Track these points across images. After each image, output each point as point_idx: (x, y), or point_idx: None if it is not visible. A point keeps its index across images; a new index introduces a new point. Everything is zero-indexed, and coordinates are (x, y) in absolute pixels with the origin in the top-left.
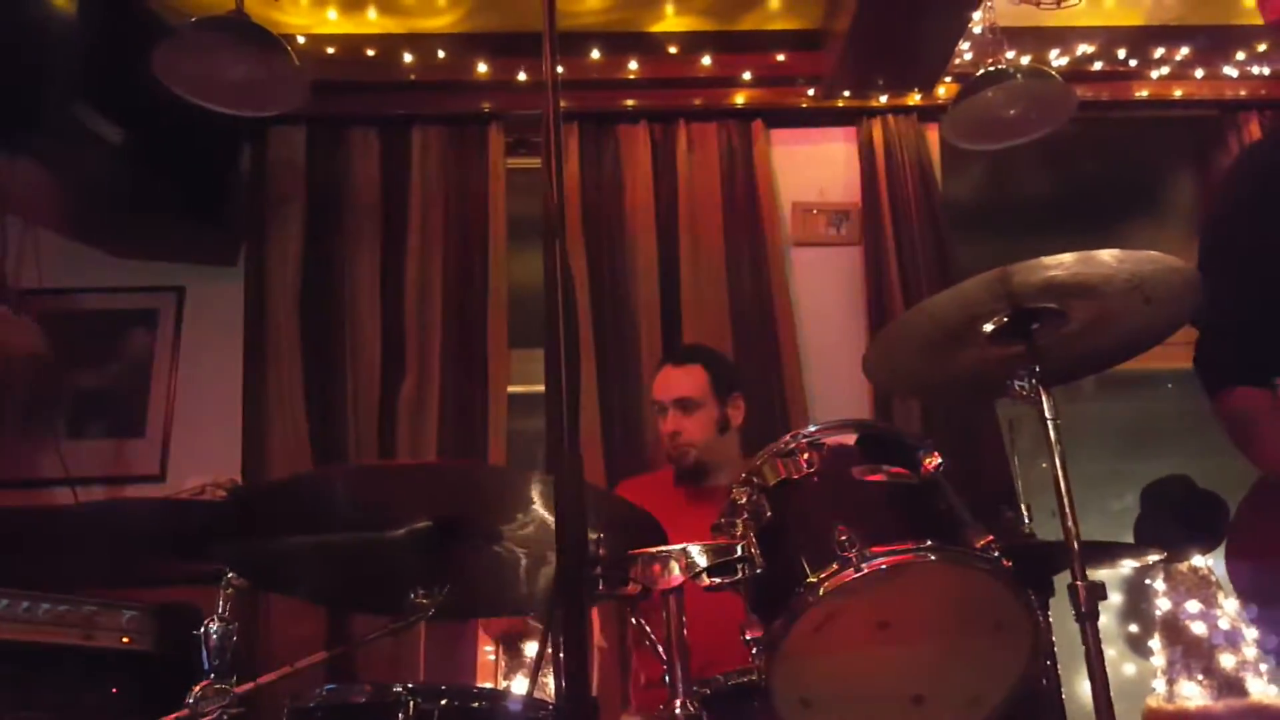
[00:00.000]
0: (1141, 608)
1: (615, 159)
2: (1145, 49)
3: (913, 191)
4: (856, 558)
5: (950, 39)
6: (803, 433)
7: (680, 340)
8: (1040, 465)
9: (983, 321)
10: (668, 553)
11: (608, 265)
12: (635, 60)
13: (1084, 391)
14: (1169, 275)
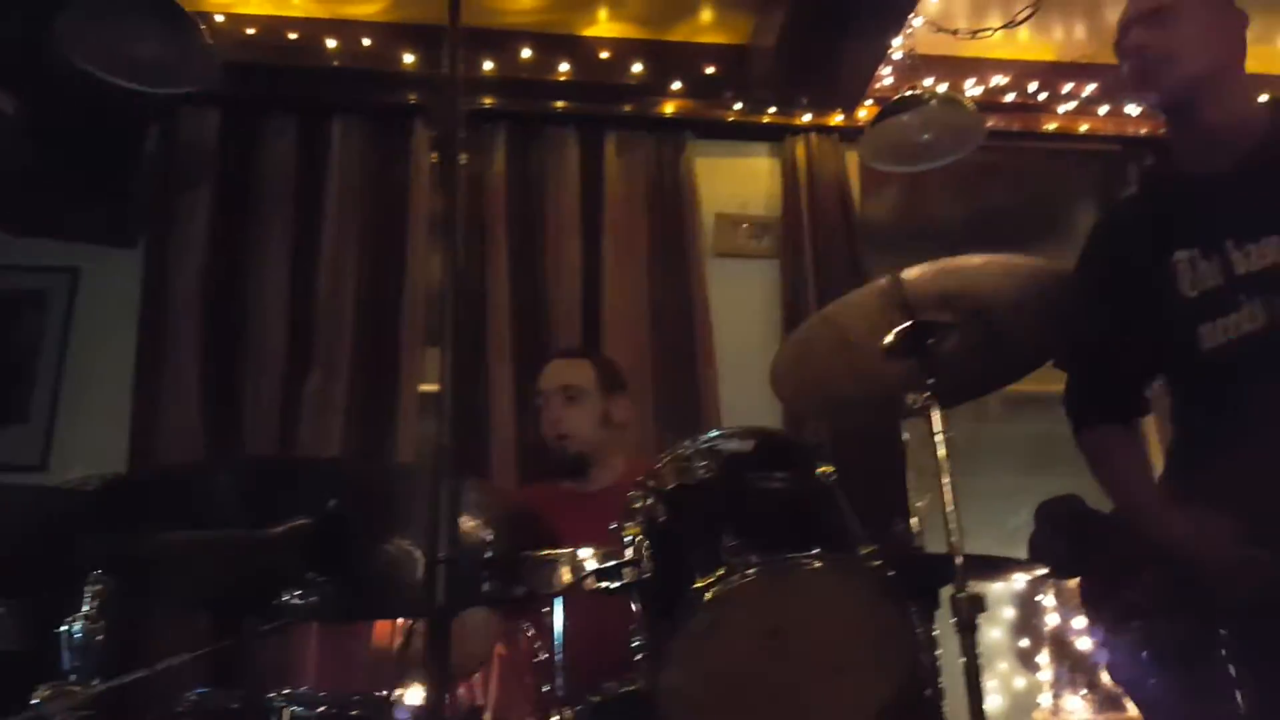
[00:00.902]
0: (1033, 623)
1: (542, 160)
2: (1055, 84)
3: (831, 209)
4: (743, 564)
5: (871, 63)
6: (701, 438)
7: (598, 346)
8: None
9: (881, 334)
10: (557, 556)
11: (530, 266)
12: (566, 63)
13: (991, 411)
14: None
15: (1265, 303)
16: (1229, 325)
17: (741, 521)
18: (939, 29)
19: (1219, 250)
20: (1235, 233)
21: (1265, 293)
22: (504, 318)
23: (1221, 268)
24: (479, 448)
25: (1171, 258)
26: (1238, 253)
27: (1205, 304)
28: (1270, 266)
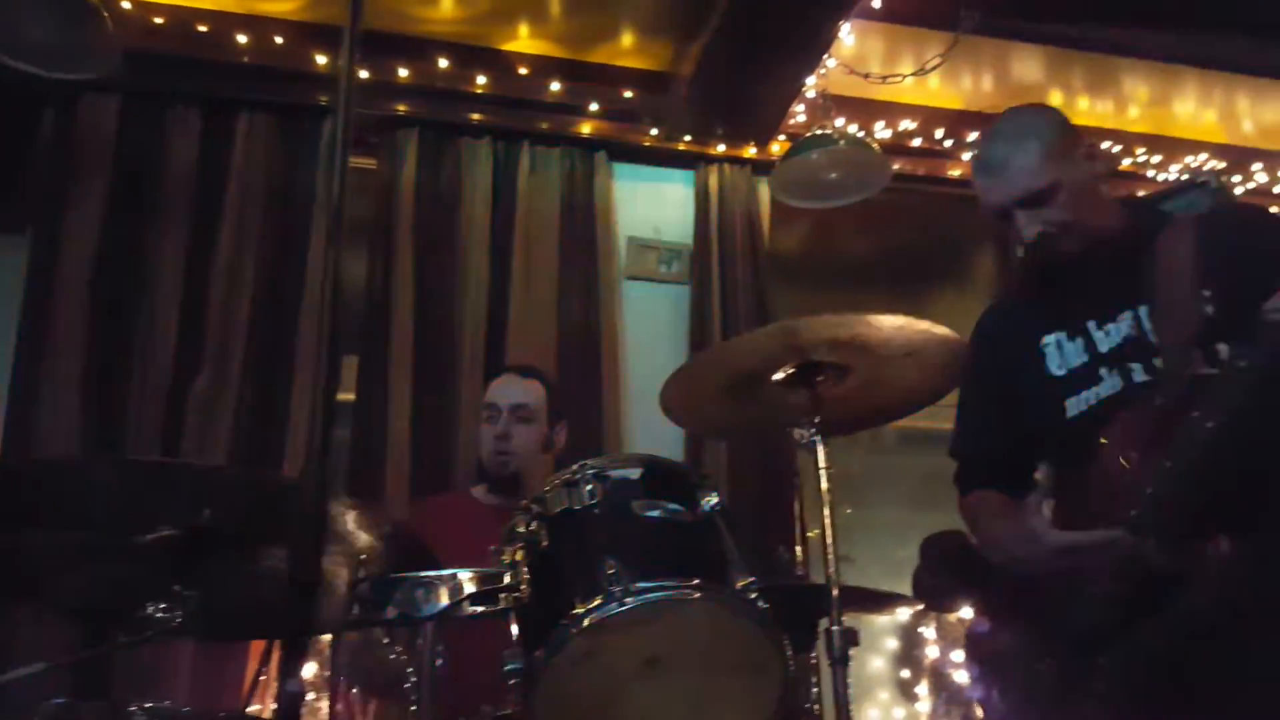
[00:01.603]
0: (914, 654)
1: (455, 171)
2: (960, 131)
3: (740, 239)
4: (621, 592)
5: (785, 99)
6: (589, 464)
7: (503, 361)
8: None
9: (773, 370)
10: (435, 578)
11: (436, 277)
12: (484, 76)
13: (885, 444)
14: (940, 347)
15: (1120, 370)
16: (1090, 396)
17: (624, 549)
18: (851, 71)
19: (1083, 331)
20: (1096, 314)
21: (1121, 363)
22: (407, 328)
23: (1085, 346)
24: (374, 458)
25: (1041, 342)
26: (1099, 332)
27: (1072, 380)
28: (1125, 340)
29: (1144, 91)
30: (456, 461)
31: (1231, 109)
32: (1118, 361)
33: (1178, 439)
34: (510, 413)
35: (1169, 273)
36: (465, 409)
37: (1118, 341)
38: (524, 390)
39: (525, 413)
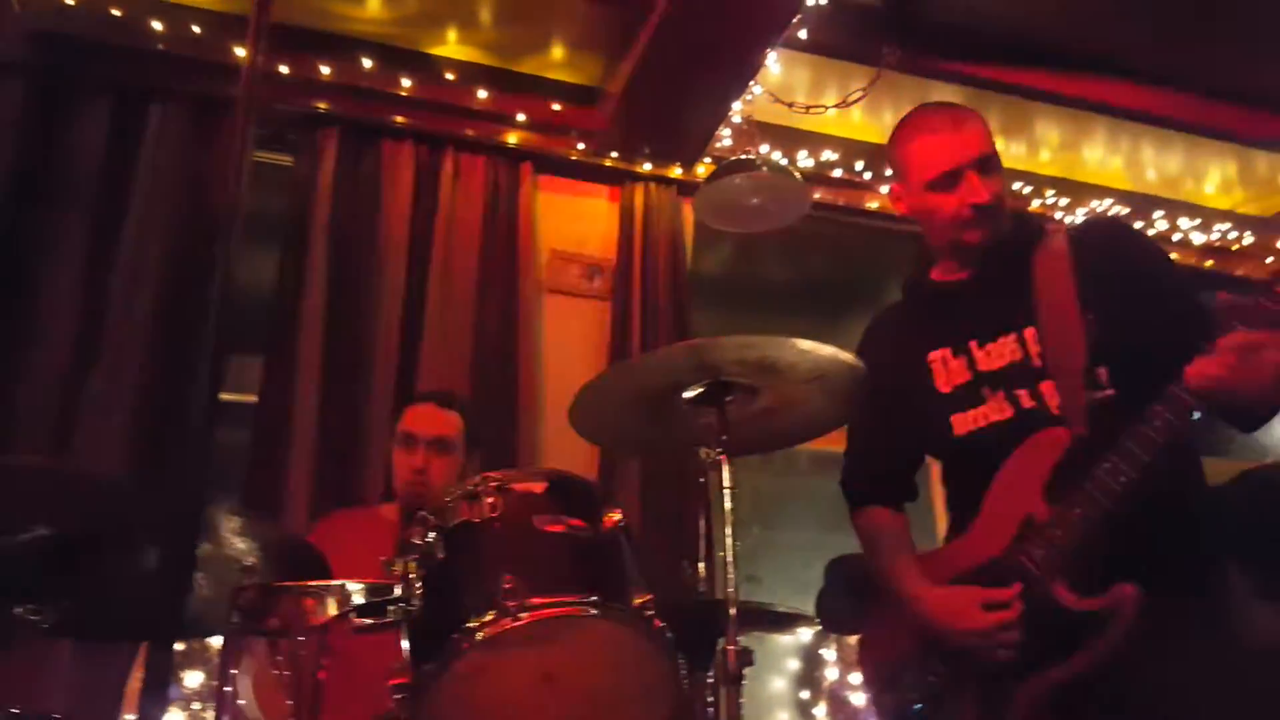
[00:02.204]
0: (814, 675)
1: (375, 173)
2: (879, 165)
3: (664, 258)
4: (516, 607)
5: (712, 123)
6: (491, 476)
7: (416, 369)
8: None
9: (683, 388)
10: (323, 588)
11: (350, 281)
12: (410, 78)
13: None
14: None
15: (1008, 395)
16: (978, 415)
17: (522, 563)
18: (777, 100)
19: (965, 351)
20: (978, 334)
21: (1006, 385)
22: (316, 331)
23: (968, 365)
24: (275, 464)
25: (927, 358)
26: (980, 352)
27: (956, 398)
28: (1008, 364)
29: (1055, 136)
30: (364, 474)
31: (1137, 157)
32: (1001, 384)
33: (1091, 489)
34: (429, 445)
35: (1050, 296)
36: (375, 419)
37: (1001, 365)
38: (444, 422)
39: (443, 445)
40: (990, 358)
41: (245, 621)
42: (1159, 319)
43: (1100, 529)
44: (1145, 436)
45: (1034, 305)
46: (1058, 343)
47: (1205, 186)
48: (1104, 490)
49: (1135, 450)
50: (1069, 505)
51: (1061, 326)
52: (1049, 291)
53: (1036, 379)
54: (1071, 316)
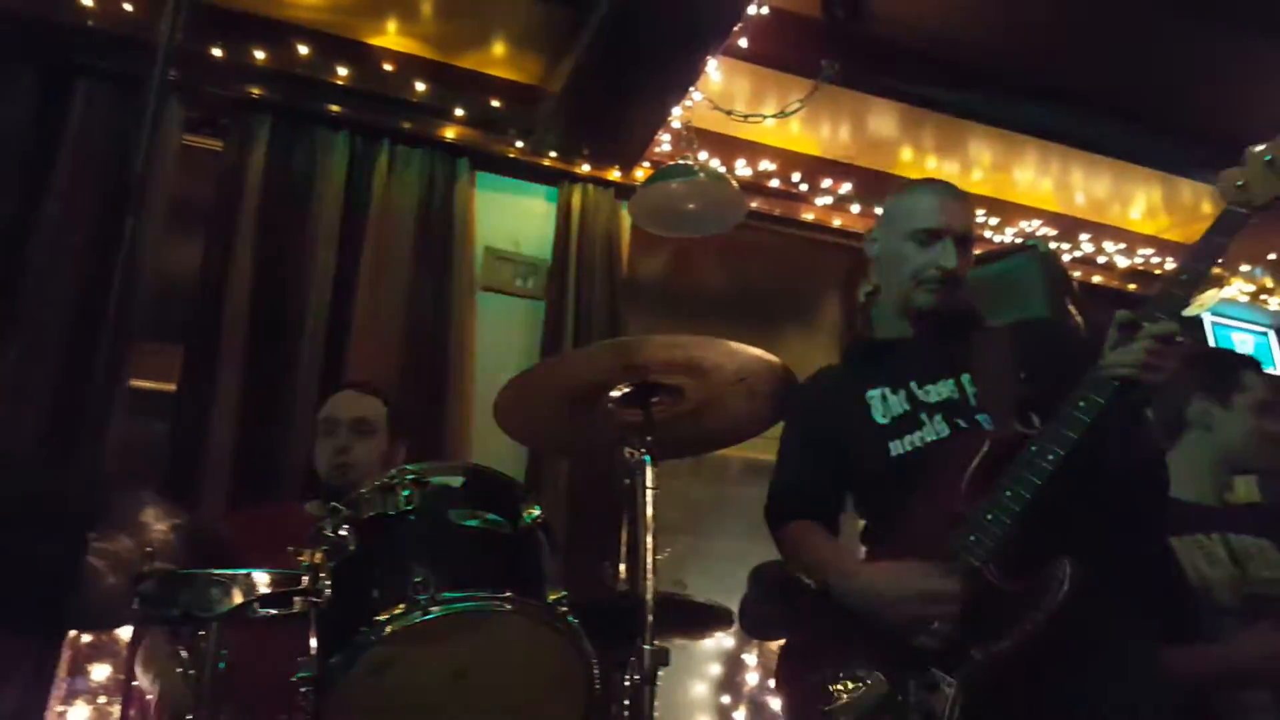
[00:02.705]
0: (735, 680)
1: (308, 162)
2: (816, 177)
3: (599, 260)
4: (427, 601)
5: (652, 127)
6: (409, 469)
7: (344, 363)
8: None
9: (609, 387)
10: (227, 577)
11: (278, 271)
12: (346, 68)
13: (729, 475)
14: (770, 375)
15: (946, 418)
16: (915, 439)
17: (435, 557)
18: (716, 107)
19: (906, 387)
20: (917, 377)
21: (945, 413)
22: (240, 321)
23: (908, 398)
24: (192, 456)
25: (866, 394)
26: (920, 390)
27: (895, 426)
28: (947, 399)
29: (988, 157)
30: (285, 469)
31: (1066, 180)
32: (941, 411)
33: (1019, 472)
34: (350, 426)
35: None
36: (299, 413)
37: (939, 399)
38: (363, 404)
39: (366, 426)
40: (929, 394)
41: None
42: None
43: (1030, 509)
44: (1071, 416)
45: (970, 359)
46: (992, 388)
47: (1131, 212)
48: (1034, 469)
49: (1062, 430)
50: (998, 488)
51: (996, 376)
52: (985, 352)
53: (973, 413)
54: (1007, 372)
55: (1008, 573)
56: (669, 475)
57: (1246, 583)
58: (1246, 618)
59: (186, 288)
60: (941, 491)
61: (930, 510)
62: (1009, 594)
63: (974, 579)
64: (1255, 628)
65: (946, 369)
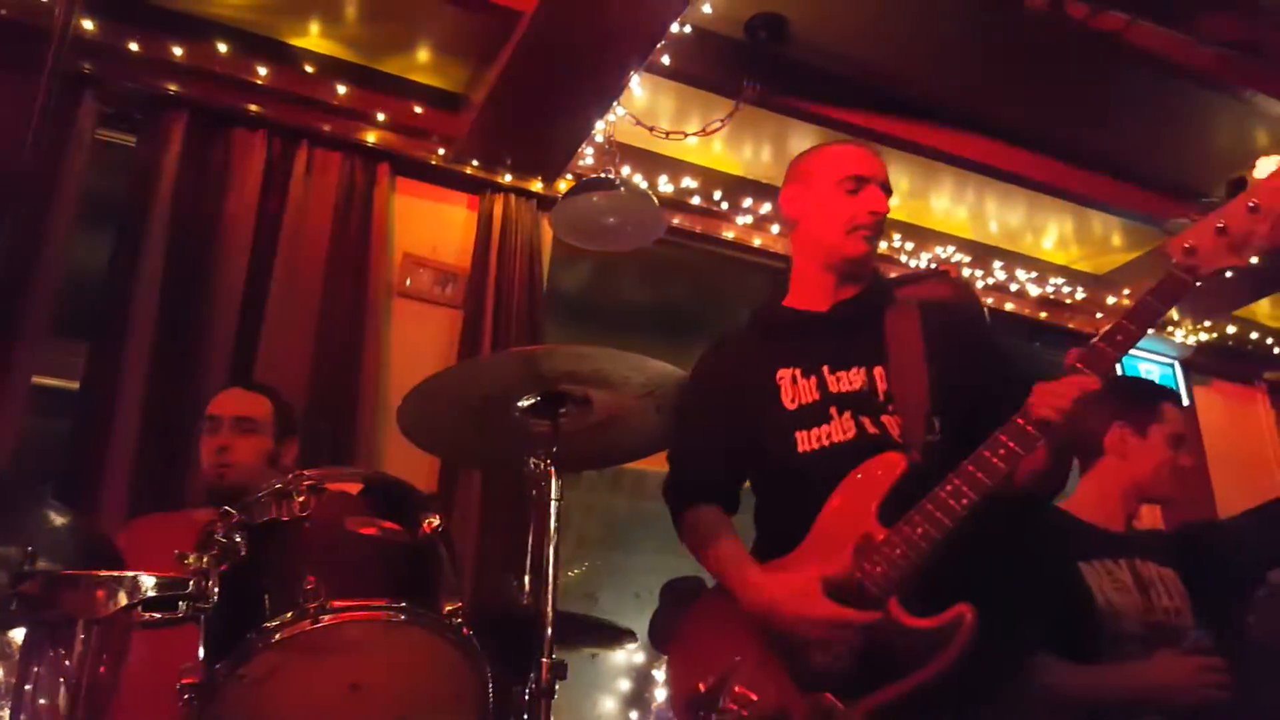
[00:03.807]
0: (644, 696)
1: (224, 162)
2: (737, 197)
3: (519, 271)
4: (317, 609)
5: (575, 139)
6: (306, 474)
7: (253, 367)
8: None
9: (517, 397)
10: (112, 579)
11: (188, 270)
12: (266, 67)
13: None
14: (675, 388)
15: (854, 418)
16: (822, 434)
17: (328, 565)
18: (639, 123)
19: (817, 372)
20: (830, 361)
21: (853, 409)
22: (148, 320)
23: (818, 386)
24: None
25: (775, 375)
26: (832, 376)
27: (803, 415)
28: (857, 389)
29: (906, 183)
30: (189, 472)
31: (981, 209)
32: (848, 406)
33: (931, 509)
34: (232, 425)
35: (899, 344)
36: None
37: (850, 389)
38: (247, 402)
39: (248, 425)
40: (840, 382)
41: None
42: (986, 387)
43: (940, 549)
44: (989, 462)
45: (884, 348)
46: (903, 384)
47: (1044, 242)
48: (946, 510)
49: (979, 474)
50: (909, 524)
51: (908, 371)
52: (898, 341)
53: (881, 410)
54: (917, 364)
55: (912, 607)
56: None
57: (1150, 611)
58: (1149, 645)
59: (95, 284)
60: (851, 511)
61: (838, 529)
62: (912, 633)
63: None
64: (1159, 654)
65: (860, 356)
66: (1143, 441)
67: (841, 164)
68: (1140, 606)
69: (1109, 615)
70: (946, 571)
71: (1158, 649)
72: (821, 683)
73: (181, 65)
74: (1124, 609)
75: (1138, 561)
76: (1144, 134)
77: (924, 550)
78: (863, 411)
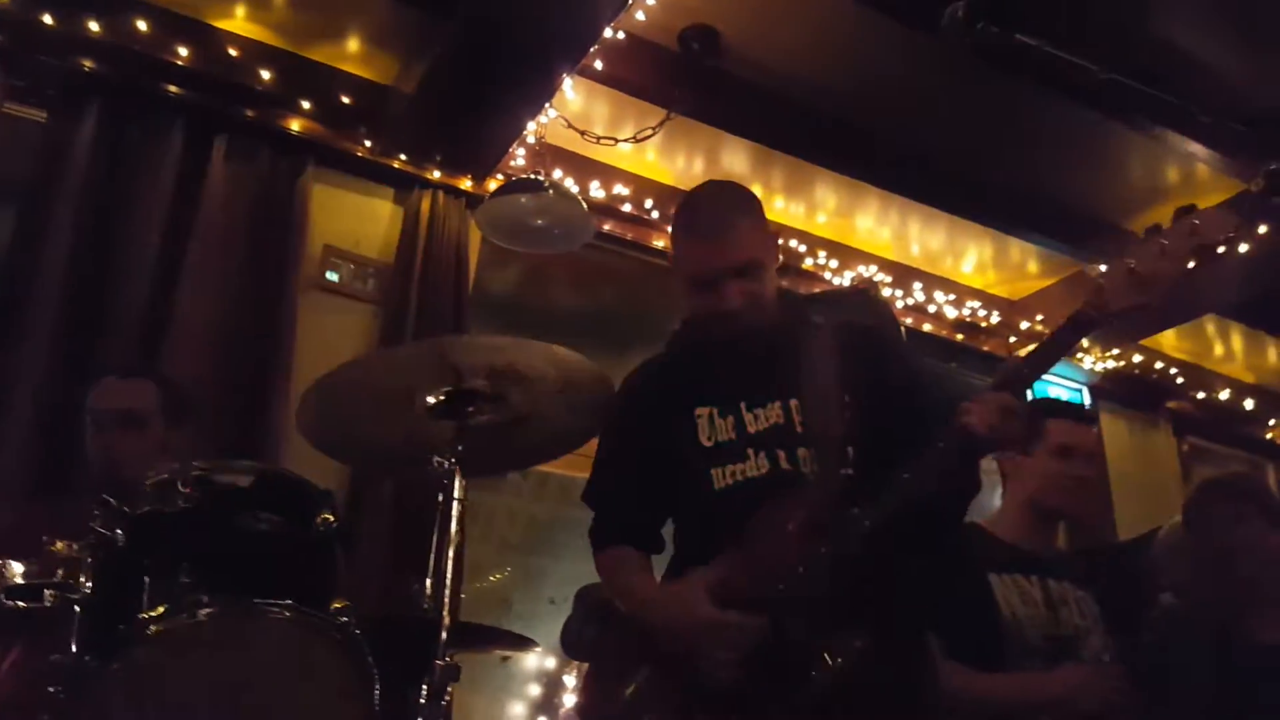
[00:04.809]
0: (554, 701)
1: (140, 144)
2: (668, 206)
3: (446, 269)
4: (193, 604)
5: (506, 139)
6: (196, 465)
7: (162, 355)
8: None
9: (423, 392)
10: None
11: (96, 254)
12: (188, 48)
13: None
14: (593, 386)
15: (768, 454)
16: (736, 471)
17: (209, 559)
18: (571, 126)
19: (734, 411)
20: (747, 397)
21: (768, 446)
22: (51, 304)
23: (735, 425)
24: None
25: (694, 412)
26: (749, 414)
27: (719, 452)
28: (773, 425)
29: (833, 202)
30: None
31: (904, 231)
32: (765, 445)
33: (835, 532)
34: (114, 419)
35: (814, 374)
36: None
37: (766, 426)
38: (129, 393)
39: (133, 419)
40: (757, 420)
41: None
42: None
43: (845, 569)
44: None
45: (800, 380)
46: (818, 415)
47: (963, 265)
48: (854, 532)
49: (886, 498)
50: (817, 545)
51: (823, 402)
52: (813, 371)
53: (796, 444)
54: (833, 395)
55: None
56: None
57: (1056, 626)
58: (1051, 658)
59: None
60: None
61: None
62: (809, 650)
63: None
64: (1062, 666)
65: (775, 391)
66: (1029, 459)
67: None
68: (1045, 620)
69: (1014, 627)
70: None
71: (1060, 662)
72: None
73: (98, 42)
74: (1029, 621)
75: (1050, 580)
76: (1061, 165)
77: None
78: (779, 446)
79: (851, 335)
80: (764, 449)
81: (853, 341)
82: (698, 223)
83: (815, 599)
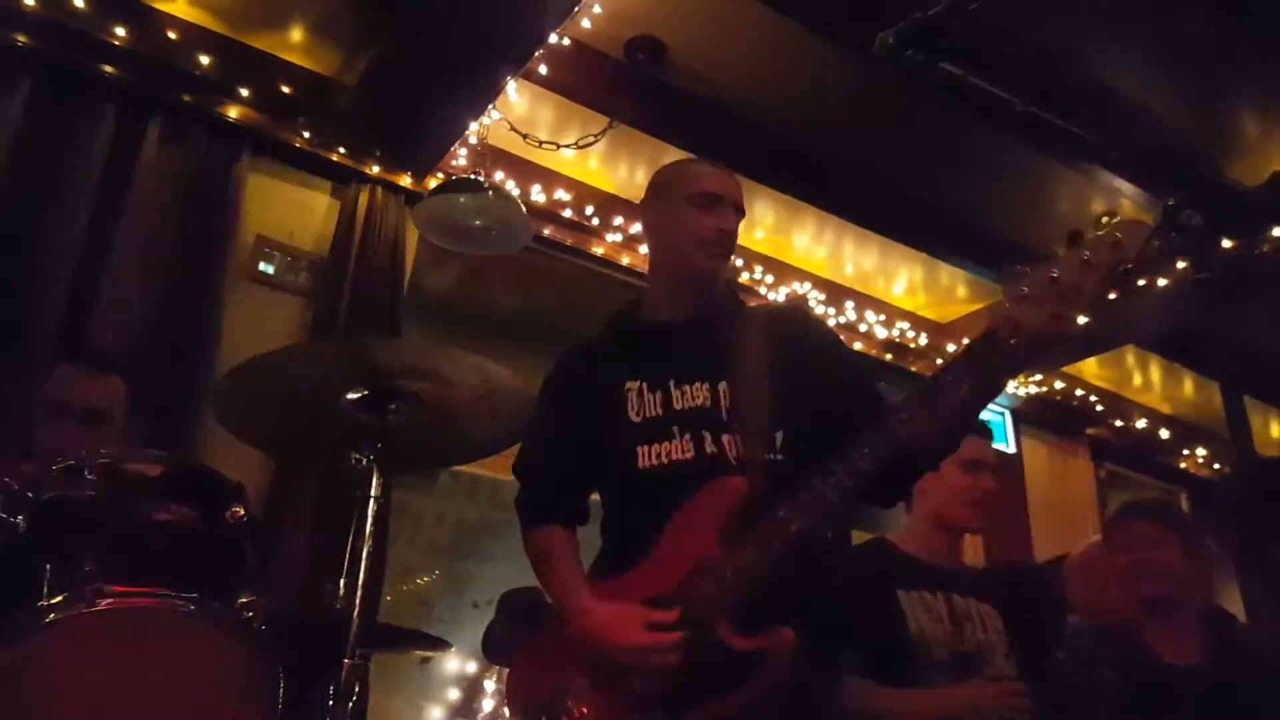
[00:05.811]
0: (473, 706)
1: (72, 124)
2: (608, 213)
3: (381, 266)
4: (93, 593)
5: (447, 138)
6: (103, 452)
7: (83, 339)
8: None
9: (345, 389)
10: None
11: (20, 236)
12: (125, 28)
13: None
14: (514, 395)
15: (694, 436)
16: (661, 451)
17: (112, 549)
18: (513, 129)
19: (663, 387)
20: (675, 375)
21: (693, 427)
22: None
23: (663, 401)
24: None
25: (624, 386)
26: (676, 391)
27: (645, 429)
28: (699, 406)
29: (771, 218)
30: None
31: (839, 250)
32: (690, 425)
33: (763, 534)
34: (80, 416)
35: (744, 360)
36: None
37: (692, 406)
38: (98, 389)
39: (100, 416)
40: (684, 398)
41: None
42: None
43: (769, 572)
44: (820, 490)
45: (729, 364)
46: (745, 401)
47: (894, 287)
48: (777, 535)
49: (810, 501)
50: (741, 546)
51: (750, 388)
52: (743, 356)
53: (721, 429)
54: (760, 381)
55: (738, 628)
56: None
57: (961, 642)
58: (956, 673)
59: None
60: (690, 534)
61: (677, 551)
62: (737, 653)
63: (704, 633)
64: (966, 682)
65: (705, 371)
66: (935, 474)
67: (696, 181)
68: (950, 635)
69: (919, 642)
70: (770, 594)
71: (964, 677)
72: (645, 704)
73: (32, 15)
74: (934, 637)
75: (956, 596)
76: (992, 194)
77: (753, 573)
78: (703, 429)
79: (782, 324)
80: (689, 429)
81: (783, 330)
82: (704, 161)
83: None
